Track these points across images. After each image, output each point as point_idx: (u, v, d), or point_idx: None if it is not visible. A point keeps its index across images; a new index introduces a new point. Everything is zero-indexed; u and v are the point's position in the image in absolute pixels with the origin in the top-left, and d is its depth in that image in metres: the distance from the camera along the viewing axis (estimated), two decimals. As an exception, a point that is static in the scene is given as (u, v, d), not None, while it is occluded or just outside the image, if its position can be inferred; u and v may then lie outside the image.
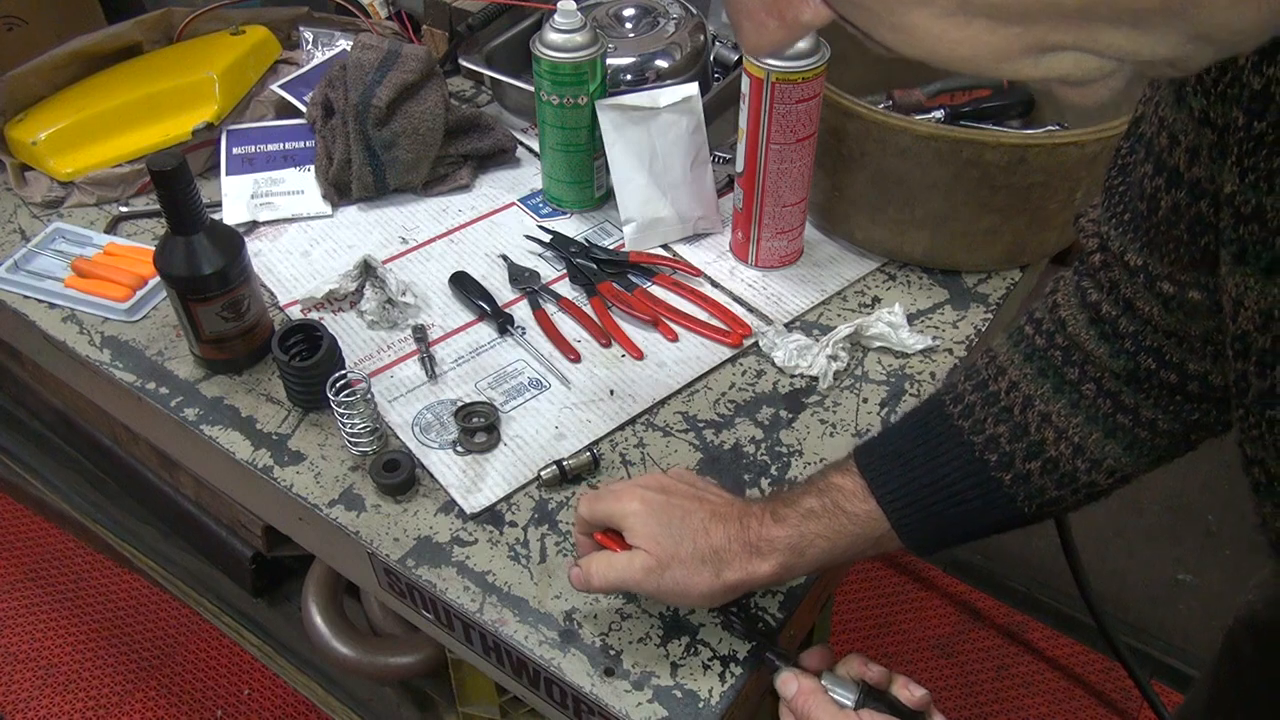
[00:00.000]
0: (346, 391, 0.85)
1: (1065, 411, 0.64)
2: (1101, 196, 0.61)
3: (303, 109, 1.20)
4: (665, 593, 0.68)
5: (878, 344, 0.96)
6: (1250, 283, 0.48)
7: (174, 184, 0.84)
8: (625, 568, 0.68)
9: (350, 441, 0.88)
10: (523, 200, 1.15)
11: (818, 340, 0.95)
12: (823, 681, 0.65)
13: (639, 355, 0.96)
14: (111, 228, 1.12)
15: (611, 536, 0.71)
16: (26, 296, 1.04)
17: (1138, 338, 0.60)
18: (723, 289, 1.03)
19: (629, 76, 1.13)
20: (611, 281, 1.03)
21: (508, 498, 0.84)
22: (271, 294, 1.04)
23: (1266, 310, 0.48)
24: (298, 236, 1.10)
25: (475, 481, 0.85)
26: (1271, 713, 0.77)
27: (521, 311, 1.01)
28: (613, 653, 0.74)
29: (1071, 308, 0.64)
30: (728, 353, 0.96)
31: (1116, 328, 0.61)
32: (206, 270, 0.88)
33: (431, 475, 0.86)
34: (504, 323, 0.99)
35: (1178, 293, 0.55)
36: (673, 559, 0.67)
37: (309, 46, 1.31)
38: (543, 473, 0.85)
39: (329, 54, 1.29)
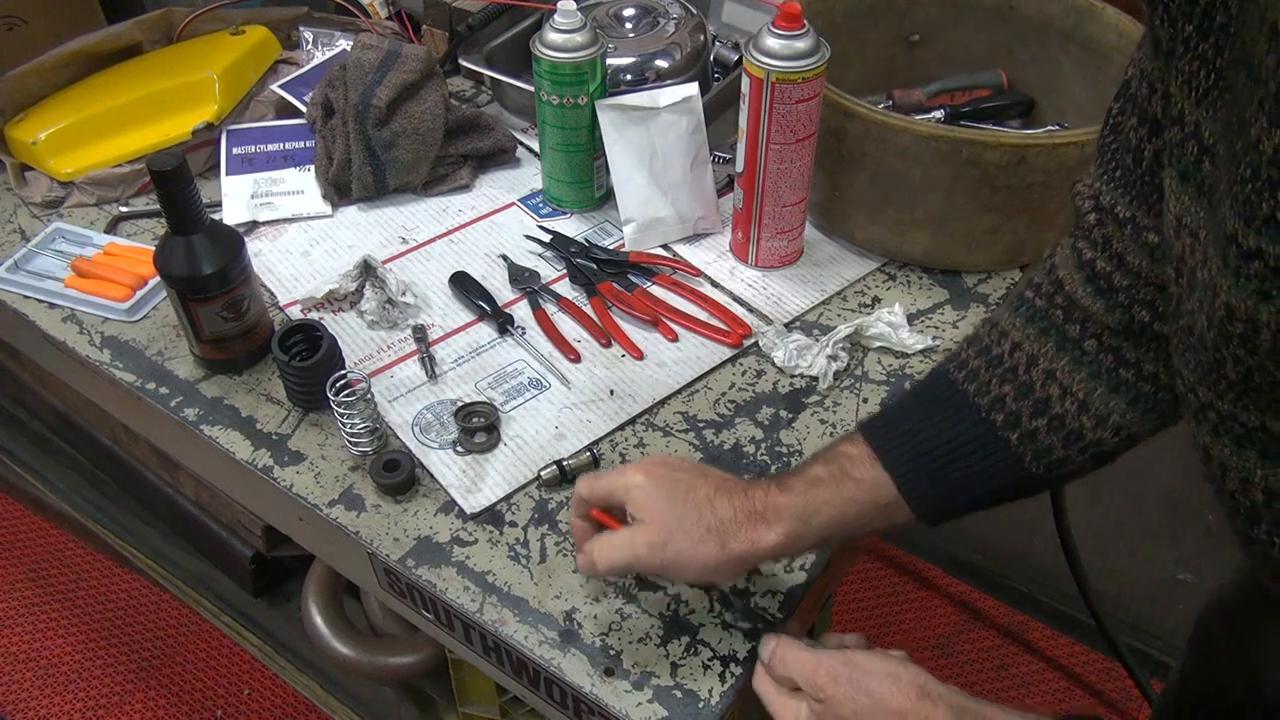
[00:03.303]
0: (346, 391, 0.85)
1: (1069, 368, 0.65)
2: (1095, 157, 0.62)
3: (303, 109, 1.20)
4: (670, 566, 0.67)
5: (878, 344, 0.96)
6: (1171, 181, 0.49)
7: (174, 184, 0.84)
8: (628, 544, 0.67)
9: (350, 441, 0.88)
10: (523, 200, 1.15)
11: (818, 340, 0.95)
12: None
13: (639, 355, 0.96)
14: (111, 228, 1.12)
15: (611, 516, 0.71)
16: (26, 296, 1.04)
17: (1131, 291, 0.61)
18: (723, 289, 1.03)
19: (629, 76, 1.13)
20: (611, 281, 1.03)
21: (508, 498, 0.84)
22: (271, 294, 1.04)
23: (1178, 215, 0.49)
24: (298, 236, 1.10)
25: (475, 481, 0.85)
26: (1240, 694, 0.78)
27: (521, 311, 1.01)
28: (613, 653, 0.74)
29: (1068, 268, 0.65)
30: (728, 353, 0.96)
31: (1111, 282, 0.62)
32: (206, 270, 0.88)
33: (431, 475, 0.86)
34: (504, 323, 0.99)
35: (1162, 242, 0.56)
36: (676, 532, 0.66)
37: (309, 46, 1.31)
38: (543, 473, 0.85)
39: (329, 54, 1.29)
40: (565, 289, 1.04)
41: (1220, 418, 0.51)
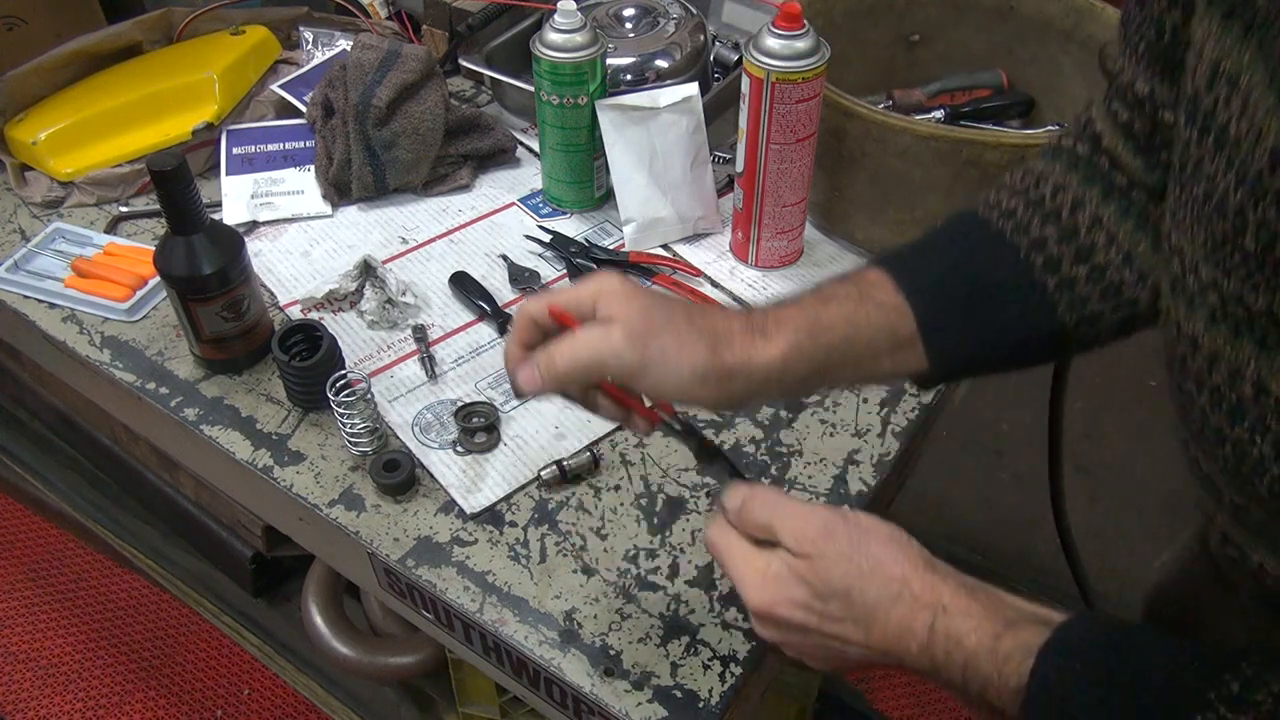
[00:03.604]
0: (346, 391, 0.85)
1: (1116, 216, 0.61)
2: (1119, 30, 0.60)
3: (303, 109, 1.20)
4: (650, 366, 0.57)
5: (878, 344, 0.96)
6: (1210, 26, 0.47)
7: (174, 184, 0.84)
8: (600, 340, 0.57)
9: (350, 441, 0.88)
10: (523, 200, 1.15)
11: (818, 340, 0.95)
12: None
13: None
14: (111, 228, 1.12)
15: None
16: (26, 296, 1.04)
17: (1168, 151, 0.57)
18: (723, 289, 1.03)
19: (629, 76, 1.13)
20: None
21: (508, 498, 0.84)
22: (271, 294, 1.04)
23: (1215, 62, 0.46)
24: (298, 236, 1.10)
25: (475, 481, 0.85)
26: None
27: (521, 311, 1.01)
28: (613, 653, 0.74)
29: (1105, 125, 0.62)
30: (728, 353, 0.96)
31: (1151, 142, 0.59)
32: (206, 270, 0.88)
33: (431, 475, 0.86)
34: (504, 323, 0.98)
35: (1174, 122, 0.53)
36: (663, 330, 0.58)
37: (309, 46, 1.31)
38: (543, 473, 0.85)
39: (329, 54, 1.29)
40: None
41: (1222, 300, 0.48)
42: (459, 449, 0.88)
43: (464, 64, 1.26)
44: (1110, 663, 0.50)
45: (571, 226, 1.11)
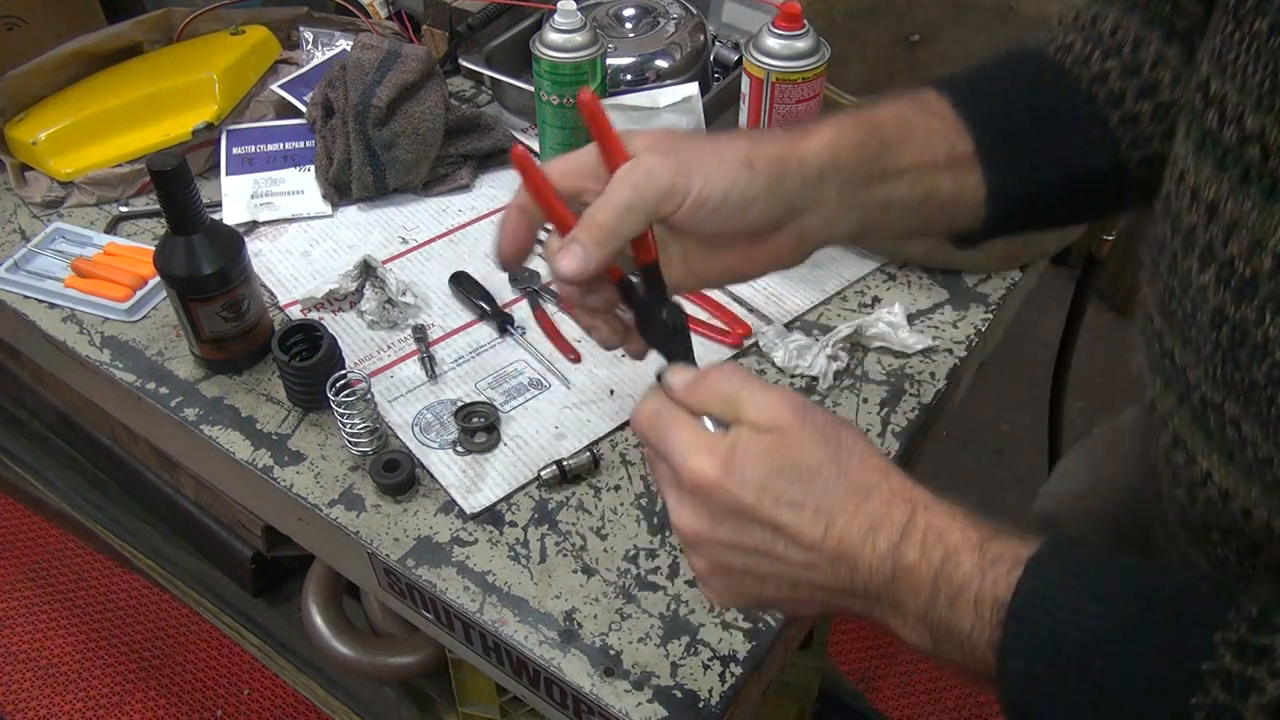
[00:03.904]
0: (346, 391, 0.85)
1: (1179, 58, 0.58)
2: None
3: (303, 109, 1.20)
4: (690, 170, 0.52)
5: (878, 344, 0.96)
6: None
7: (174, 184, 0.84)
8: (630, 173, 0.52)
9: (350, 441, 0.88)
10: (523, 200, 1.15)
11: (818, 340, 0.95)
12: None
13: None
14: (111, 228, 1.12)
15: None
16: (26, 296, 1.04)
17: None
18: (723, 288, 1.03)
19: (629, 76, 1.13)
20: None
21: (508, 498, 0.85)
22: (271, 294, 1.04)
23: None
24: (298, 236, 1.10)
25: (475, 481, 0.85)
26: None
27: (521, 311, 1.01)
28: (613, 653, 0.74)
29: None
30: (727, 352, 0.96)
31: None
32: (206, 270, 0.88)
33: (431, 475, 0.86)
34: (504, 323, 0.99)
35: None
36: (689, 137, 0.54)
37: (309, 46, 1.31)
38: (543, 473, 0.85)
39: (329, 54, 1.29)
40: (565, 289, 1.04)
41: (1264, 153, 0.44)
42: (459, 449, 0.88)
43: (464, 64, 1.26)
44: (1109, 580, 0.45)
45: (571, 226, 1.10)
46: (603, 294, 0.58)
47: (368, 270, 1.02)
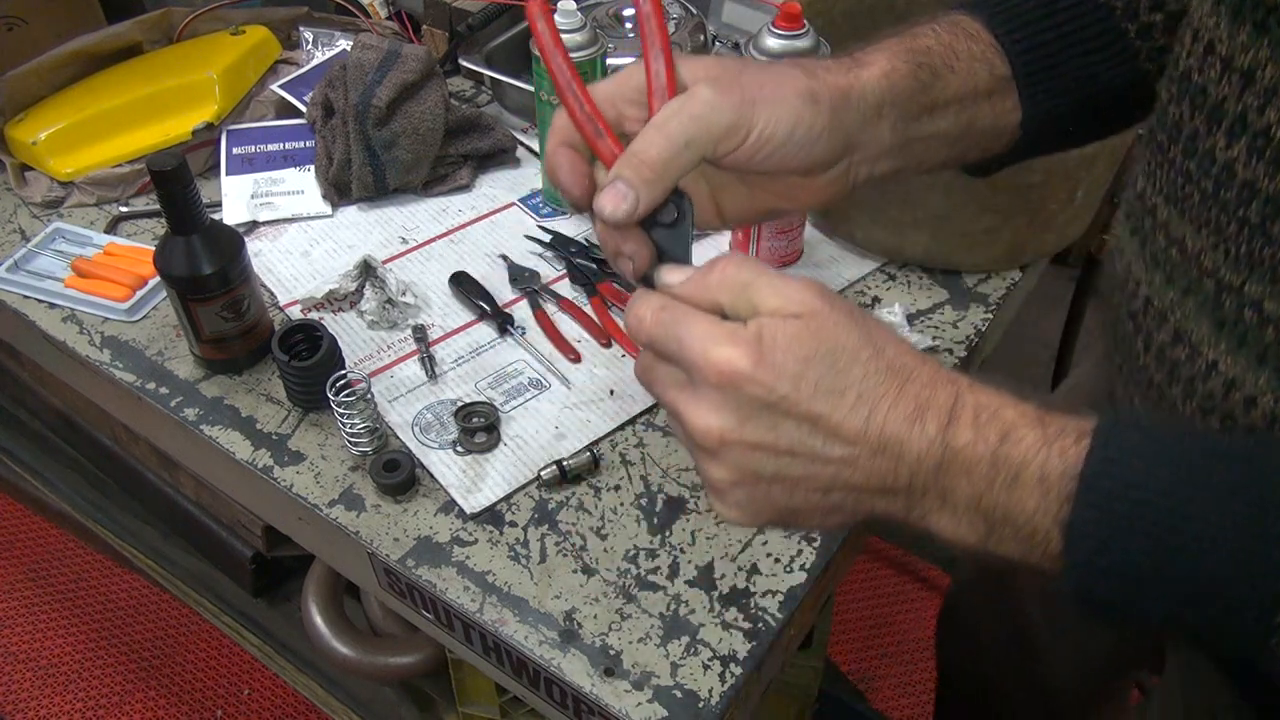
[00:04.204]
0: (346, 391, 0.85)
1: None
2: None
3: (303, 109, 1.20)
4: (754, 104, 0.48)
5: (878, 344, 0.96)
6: None
7: (174, 184, 0.84)
8: (688, 104, 0.48)
9: (350, 441, 0.88)
10: (523, 200, 1.15)
11: (818, 340, 0.95)
12: None
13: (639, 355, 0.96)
14: (111, 228, 1.12)
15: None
16: (26, 296, 1.04)
17: None
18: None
19: (629, 76, 1.13)
20: (611, 281, 1.03)
21: (508, 498, 0.85)
22: (271, 294, 1.04)
23: None
24: (298, 236, 1.10)
25: (475, 481, 0.85)
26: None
27: (521, 311, 1.01)
28: (613, 653, 0.74)
29: None
30: (728, 353, 0.96)
31: None
32: (206, 270, 0.88)
33: (431, 475, 0.86)
34: (504, 323, 0.99)
35: None
36: (744, 68, 0.50)
37: (309, 46, 1.31)
38: (543, 473, 0.85)
39: (329, 54, 1.29)
40: (565, 289, 1.04)
41: None
42: (459, 449, 0.88)
43: (464, 64, 1.26)
44: (1185, 448, 0.42)
45: (571, 226, 1.11)
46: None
47: (368, 270, 1.02)
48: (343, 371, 0.87)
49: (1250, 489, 0.40)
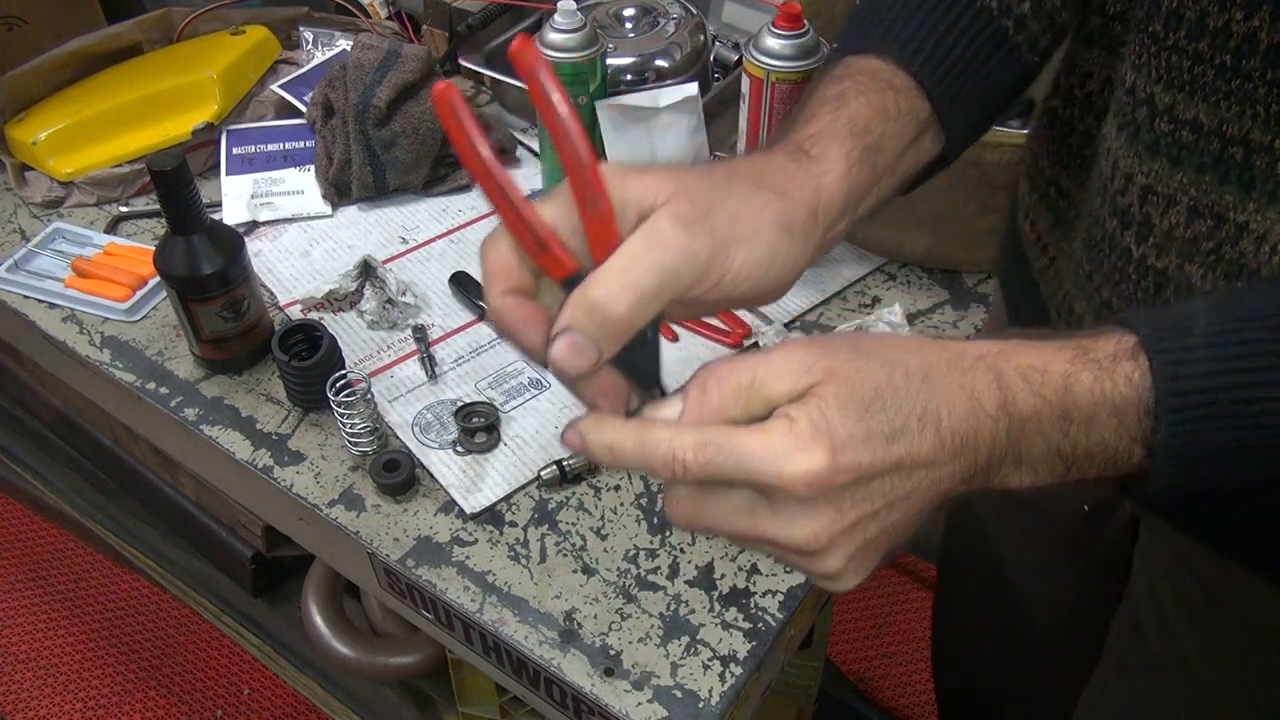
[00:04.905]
0: (346, 391, 0.85)
1: None
2: None
3: (303, 109, 1.20)
4: (728, 245, 0.45)
5: (878, 344, 0.96)
6: None
7: (174, 184, 0.84)
8: (652, 245, 0.43)
9: (350, 441, 0.88)
10: (523, 200, 1.15)
11: (818, 340, 0.95)
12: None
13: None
14: (111, 228, 1.12)
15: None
16: (26, 296, 1.04)
17: None
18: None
19: (629, 76, 1.13)
20: (611, 281, 1.03)
21: (508, 498, 0.85)
22: (271, 294, 1.04)
23: None
24: (298, 236, 1.10)
25: (475, 481, 0.85)
26: None
27: (521, 311, 1.01)
28: (613, 653, 0.74)
29: None
30: (728, 352, 0.96)
31: None
32: (206, 270, 0.88)
33: (431, 475, 0.86)
34: (504, 323, 0.98)
35: None
36: (712, 191, 0.46)
37: (309, 46, 1.31)
38: (543, 473, 0.85)
39: (329, 54, 1.29)
40: (565, 289, 1.04)
41: None
42: (459, 449, 0.88)
43: (464, 64, 1.26)
44: (1230, 326, 0.43)
45: (571, 226, 1.10)
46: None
47: (368, 270, 1.02)
48: (343, 371, 0.87)
49: None
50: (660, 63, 1.14)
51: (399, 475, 0.84)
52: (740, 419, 0.43)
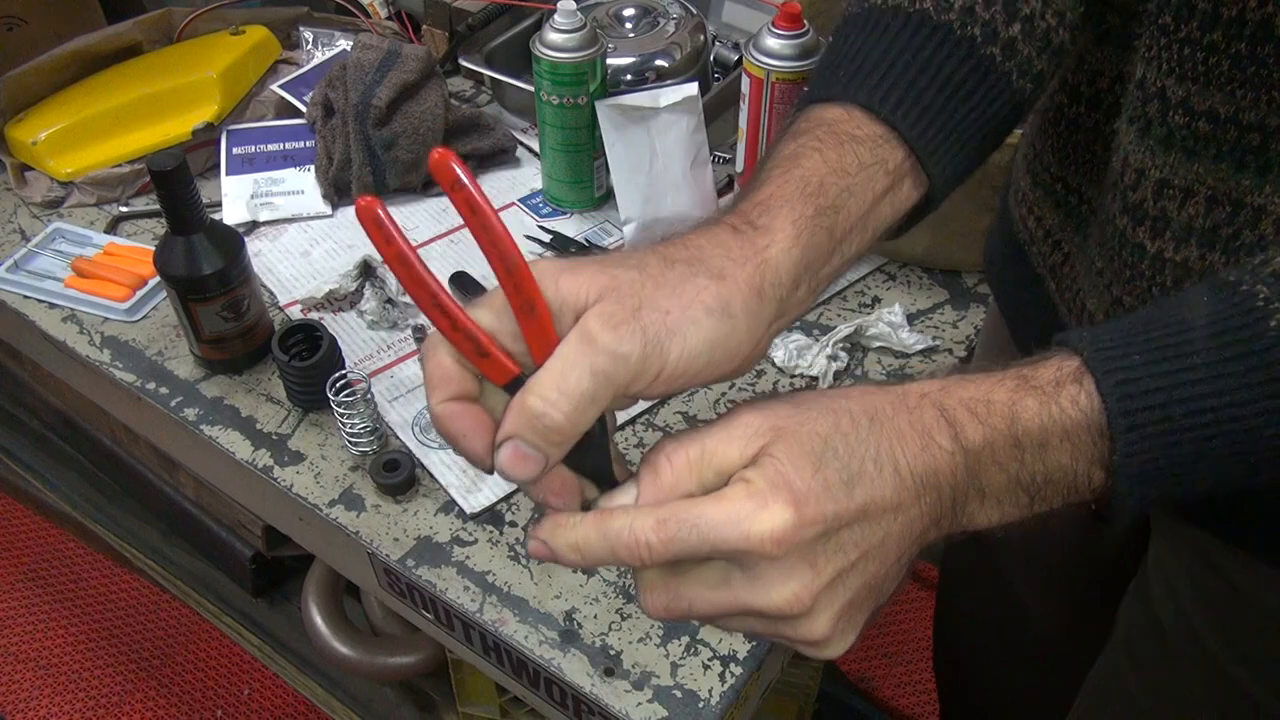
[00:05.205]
0: (346, 391, 0.85)
1: None
2: None
3: (303, 109, 1.20)
4: (659, 340, 0.42)
5: (877, 344, 0.96)
6: None
7: (174, 184, 0.85)
8: (584, 349, 0.41)
9: (350, 441, 0.88)
10: (523, 200, 1.15)
11: (817, 340, 0.95)
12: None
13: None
14: (111, 228, 1.12)
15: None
16: (26, 296, 1.04)
17: None
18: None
19: (629, 76, 1.13)
20: (611, 281, 1.03)
21: (508, 498, 0.85)
22: (271, 294, 1.04)
23: None
24: (298, 236, 1.10)
25: (475, 481, 0.85)
26: None
27: (521, 311, 1.01)
28: (613, 653, 0.74)
29: None
30: (728, 353, 0.96)
31: None
32: (206, 270, 0.88)
33: (431, 475, 0.86)
34: (504, 323, 0.98)
35: None
36: (640, 285, 0.44)
37: (309, 46, 1.31)
38: (543, 473, 0.85)
39: (329, 54, 1.29)
40: (565, 289, 1.03)
41: None
42: (459, 449, 0.88)
43: (464, 64, 1.26)
44: (1166, 336, 0.43)
45: (571, 226, 1.11)
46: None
47: (368, 270, 1.02)
48: (343, 371, 0.87)
49: (1237, 341, 0.43)
50: (660, 63, 1.14)
51: (399, 475, 0.84)
52: (696, 493, 0.42)
